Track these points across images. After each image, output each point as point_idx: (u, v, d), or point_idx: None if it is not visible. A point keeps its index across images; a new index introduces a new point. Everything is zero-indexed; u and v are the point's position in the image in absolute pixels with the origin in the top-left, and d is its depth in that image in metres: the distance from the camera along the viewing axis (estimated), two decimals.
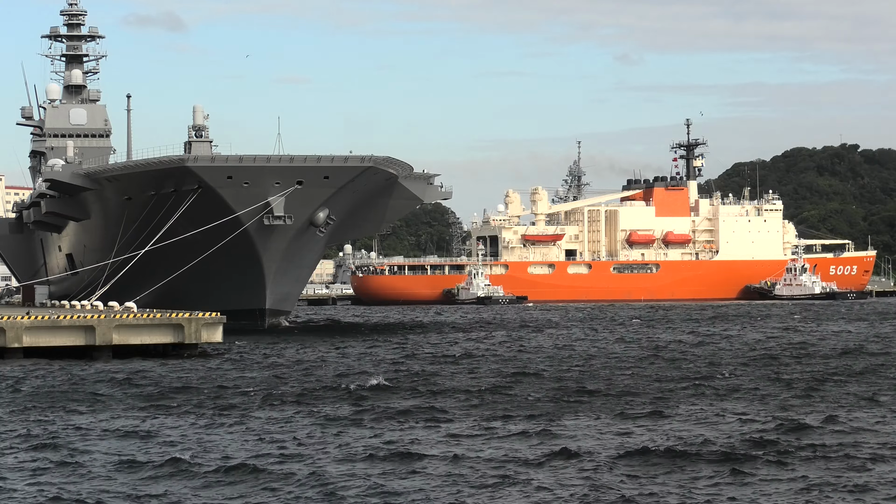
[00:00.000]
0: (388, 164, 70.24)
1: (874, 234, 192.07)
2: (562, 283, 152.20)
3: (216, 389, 37.00)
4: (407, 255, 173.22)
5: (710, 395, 34.75)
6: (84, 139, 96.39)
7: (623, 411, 30.98)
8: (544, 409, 31.40)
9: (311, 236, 72.47)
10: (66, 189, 78.20)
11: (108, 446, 26.14)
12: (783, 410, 30.98)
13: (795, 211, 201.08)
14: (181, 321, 49.39)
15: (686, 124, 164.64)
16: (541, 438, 26.43)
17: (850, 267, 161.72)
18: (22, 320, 47.82)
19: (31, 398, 34.97)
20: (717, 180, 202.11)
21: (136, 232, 71.73)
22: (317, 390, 36.51)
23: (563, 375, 41.23)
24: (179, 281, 69.43)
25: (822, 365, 44.96)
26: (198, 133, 75.68)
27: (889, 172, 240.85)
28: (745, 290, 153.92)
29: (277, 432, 27.66)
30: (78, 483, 22.36)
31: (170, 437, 27.24)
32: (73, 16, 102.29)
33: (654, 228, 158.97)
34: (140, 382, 39.04)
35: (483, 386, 37.43)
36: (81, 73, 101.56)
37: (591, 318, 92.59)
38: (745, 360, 47.06)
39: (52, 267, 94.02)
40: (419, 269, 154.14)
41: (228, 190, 68.23)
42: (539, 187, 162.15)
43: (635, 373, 42.05)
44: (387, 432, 27.52)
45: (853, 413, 30.33)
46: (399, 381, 38.92)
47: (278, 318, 76.38)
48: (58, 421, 30.15)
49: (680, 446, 24.92)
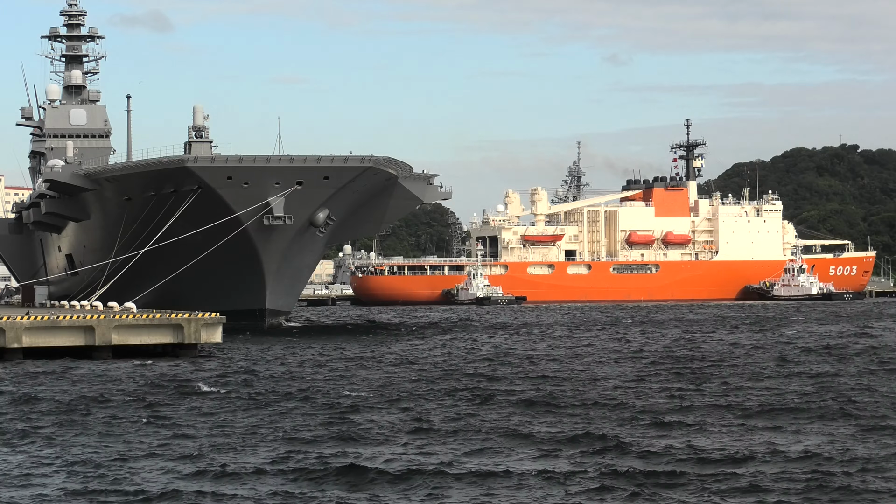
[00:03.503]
0: (388, 165, 70.23)
1: (874, 234, 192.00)
2: (561, 283, 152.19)
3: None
4: (406, 256, 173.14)
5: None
6: (84, 139, 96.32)
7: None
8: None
9: (310, 236, 72.46)
10: (65, 189, 78.18)
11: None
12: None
13: (795, 211, 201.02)
14: (181, 321, 49.35)
15: (686, 125, 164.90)
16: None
17: (850, 267, 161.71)
18: (21, 320, 47.78)
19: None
20: (717, 181, 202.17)
21: (135, 232, 71.69)
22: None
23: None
24: (179, 281, 69.39)
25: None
26: (198, 133, 75.66)
27: (889, 173, 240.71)
28: (744, 291, 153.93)
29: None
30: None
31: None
32: (73, 16, 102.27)
33: (653, 229, 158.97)
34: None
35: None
36: (81, 74, 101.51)
37: (575, 322, 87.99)
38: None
39: (51, 267, 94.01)
40: (419, 269, 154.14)
41: (228, 190, 68.21)
42: (539, 188, 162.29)
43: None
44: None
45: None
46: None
47: (278, 319, 76.37)
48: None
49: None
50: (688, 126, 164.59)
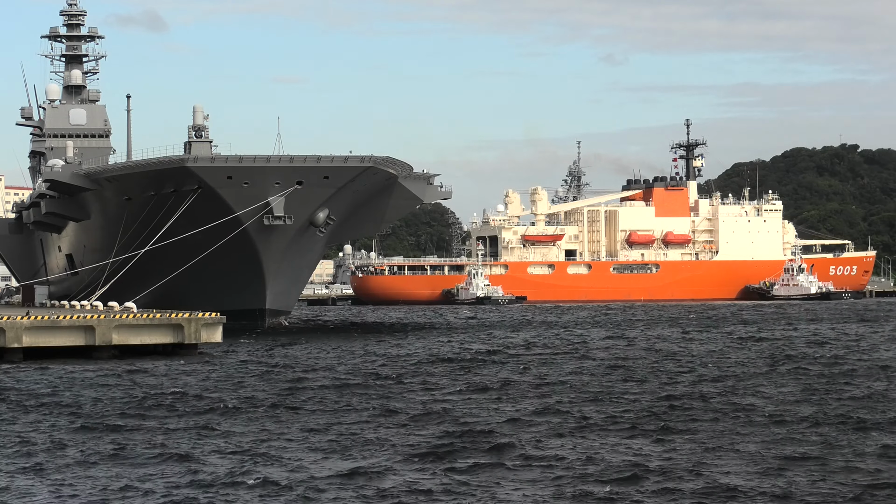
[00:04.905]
0: (388, 164, 70.21)
1: (874, 234, 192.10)
2: (561, 283, 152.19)
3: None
4: (407, 256, 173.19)
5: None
6: (84, 139, 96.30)
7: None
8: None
9: (311, 236, 72.44)
10: (65, 189, 78.16)
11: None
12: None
13: (795, 211, 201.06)
14: (181, 321, 49.37)
15: (686, 124, 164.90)
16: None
17: (850, 267, 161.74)
18: (22, 320, 47.76)
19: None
20: (717, 180, 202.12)
21: (136, 232, 71.67)
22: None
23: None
24: (179, 281, 69.38)
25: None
26: (198, 133, 75.65)
27: (889, 172, 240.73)
28: (744, 291, 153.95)
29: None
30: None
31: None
32: (73, 16, 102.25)
33: (653, 229, 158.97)
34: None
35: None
36: (81, 74, 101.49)
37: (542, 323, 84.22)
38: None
39: (51, 267, 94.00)
40: (419, 269, 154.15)
41: (228, 190, 68.20)
42: (539, 187, 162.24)
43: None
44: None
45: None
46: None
47: (278, 318, 76.37)
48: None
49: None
50: (688, 126, 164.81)
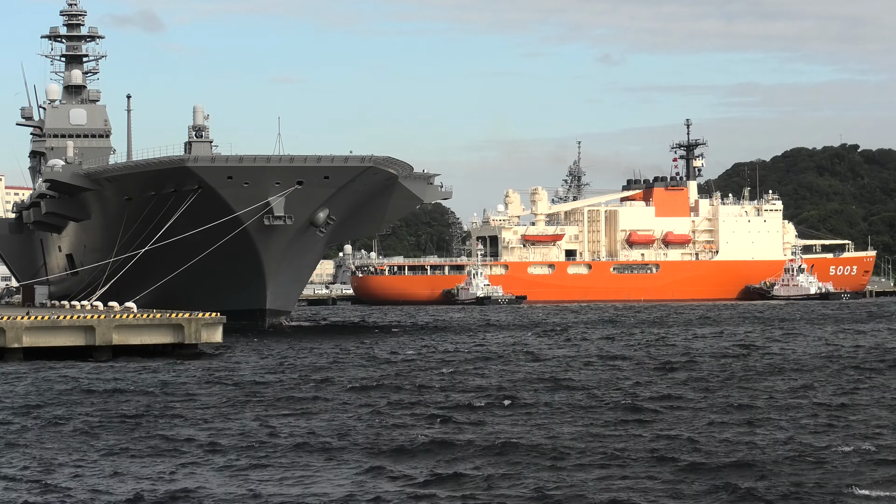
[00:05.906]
0: (388, 164, 70.21)
1: (874, 234, 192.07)
2: (562, 283, 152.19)
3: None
4: (407, 256, 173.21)
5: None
6: (84, 139, 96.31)
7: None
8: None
9: (311, 236, 72.45)
10: (66, 189, 78.17)
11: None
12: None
13: (795, 211, 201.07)
14: (181, 321, 49.38)
15: (686, 124, 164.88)
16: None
17: (850, 267, 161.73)
18: (22, 320, 47.79)
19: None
20: (717, 180, 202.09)
21: (136, 232, 71.69)
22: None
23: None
24: (179, 281, 69.39)
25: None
26: (198, 133, 75.65)
27: (889, 172, 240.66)
28: (744, 291, 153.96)
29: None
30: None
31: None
32: (73, 16, 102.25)
33: (653, 229, 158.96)
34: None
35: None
36: (81, 74, 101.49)
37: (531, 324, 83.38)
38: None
39: (52, 267, 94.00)
40: (419, 269, 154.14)
41: (228, 190, 68.21)
42: (539, 187, 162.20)
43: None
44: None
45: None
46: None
47: (278, 318, 76.37)
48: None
49: None
50: (688, 126, 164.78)
